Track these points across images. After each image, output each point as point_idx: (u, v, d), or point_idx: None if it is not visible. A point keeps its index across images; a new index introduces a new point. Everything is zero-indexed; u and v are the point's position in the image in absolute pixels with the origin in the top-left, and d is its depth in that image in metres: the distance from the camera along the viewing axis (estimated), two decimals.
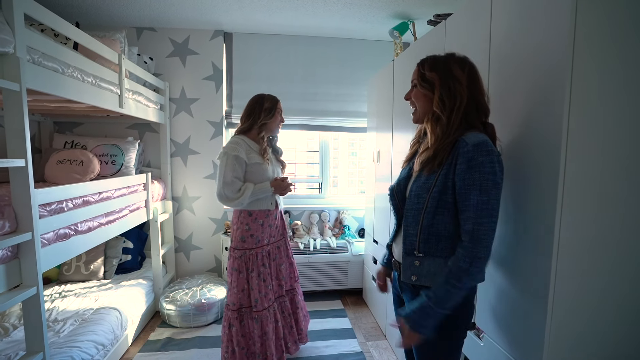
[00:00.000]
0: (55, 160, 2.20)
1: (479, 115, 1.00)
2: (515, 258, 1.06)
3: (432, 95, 1.00)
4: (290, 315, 1.98)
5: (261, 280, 1.77)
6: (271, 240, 1.87)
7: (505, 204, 1.11)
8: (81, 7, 2.41)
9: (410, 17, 2.53)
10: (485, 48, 1.21)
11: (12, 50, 1.20)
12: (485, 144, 0.91)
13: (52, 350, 1.57)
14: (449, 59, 1.01)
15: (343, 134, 3.31)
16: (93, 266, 2.46)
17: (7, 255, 1.22)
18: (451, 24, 1.47)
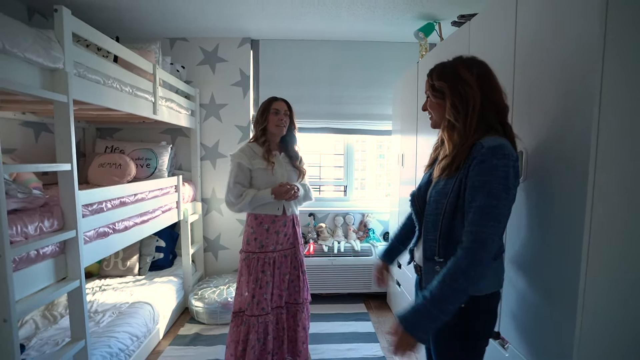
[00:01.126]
0: (97, 163, 2.38)
1: (497, 115, 0.97)
2: (540, 264, 1.03)
3: (445, 103, 1.00)
4: (284, 330, 1.82)
5: (257, 287, 1.72)
6: (277, 248, 1.78)
7: (530, 207, 1.08)
8: (121, 21, 2.59)
9: (436, 17, 2.49)
10: (510, 49, 1.18)
11: (62, 66, 1.32)
12: (501, 148, 0.89)
13: (93, 339, 1.70)
14: (455, 64, 1.00)
15: (371, 136, 3.28)
16: (129, 263, 2.62)
17: (55, 251, 1.35)
18: (475, 24, 1.44)
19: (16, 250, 1.12)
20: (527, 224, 1.09)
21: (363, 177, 3.55)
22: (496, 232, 0.87)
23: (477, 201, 0.88)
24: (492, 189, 0.87)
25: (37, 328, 1.85)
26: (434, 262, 1.01)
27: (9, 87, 1.11)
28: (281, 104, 1.80)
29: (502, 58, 1.22)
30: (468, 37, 1.48)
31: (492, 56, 1.28)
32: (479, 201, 0.88)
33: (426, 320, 0.87)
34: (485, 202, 0.87)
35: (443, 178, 1.00)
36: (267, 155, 1.75)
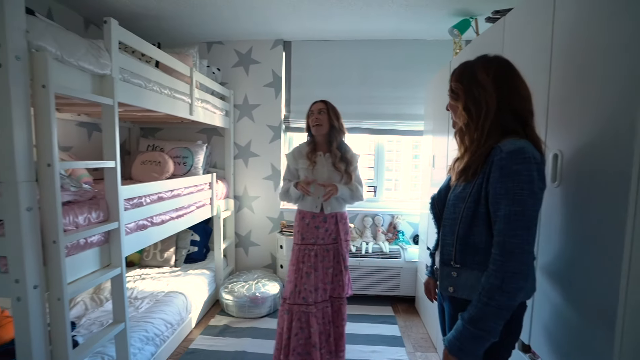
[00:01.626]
0: (139, 161, 2.57)
1: (518, 119, 0.92)
2: (575, 276, 0.96)
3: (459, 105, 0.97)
4: (330, 324, 1.89)
5: (299, 276, 1.83)
6: (318, 242, 1.86)
7: (565, 214, 1.01)
8: (163, 28, 2.77)
9: (472, 13, 2.39)
10: (547, 45, 1.11)
11: (109, 72, 1.45)
12: (521, 151, 0.84)
13: (132, 323, 1.85)
14: (475, 65, 0.96)
15: (406, 137, 3.21)
16: (166, 254, 2.80)
17: (100, 240, 1.48)
18: (510, 20, 1.36)
19: (68, 238, 1.25)
20: (561, 231, 1.02)
21: (395, 178, 3.48)
22: (525, 240, 0.83)
23: (502, 210, 0.85)
24: (516, 195, 0.83)
25: (87, 309, 2.04)
26: (451, 268, 0.99)
27: (65, 92, 1.23)
28: (317, 104, 1.89)
29: (538, 55, 1.15)
30: (502, 33, 1.41)
31: (527, 53, 1.22)
32: (504, 209, 0.84)
33: (471, 343, 0.86)
34: (510, 210, 0.84)
35: (461, 183, 0.98)
36: (310, 155, 1.87)
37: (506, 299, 0.83)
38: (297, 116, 3.20)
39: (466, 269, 0.95)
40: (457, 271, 0.97)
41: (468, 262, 0.95)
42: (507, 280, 0.83)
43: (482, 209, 0.91)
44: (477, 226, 0.92)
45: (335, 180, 1.87)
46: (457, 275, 0.97)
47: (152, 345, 1.86)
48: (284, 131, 3.25)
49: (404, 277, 2.84)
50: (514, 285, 0.83)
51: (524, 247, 0.83)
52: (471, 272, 0.94)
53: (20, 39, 1.05)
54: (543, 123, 1.11)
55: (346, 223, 1.95)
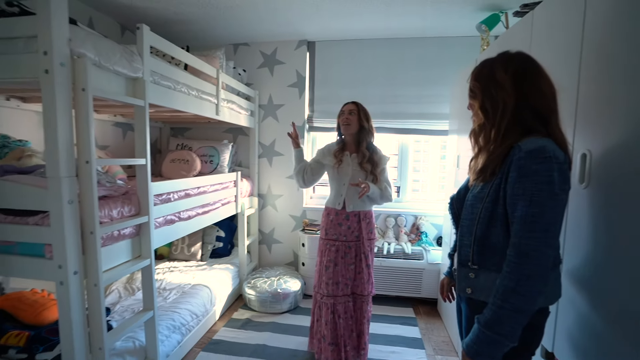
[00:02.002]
0: (169, 159, 2.70)
1: (538, 118, 0.88)
2: (604, 282, 0.91)
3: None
4: (353, 319, 1.93)
5: (322, 268, 1.92)
6: (340, 238, 1.91)
7: (593, 217, 0.96)
8: (192, 32, 2.89)
9: (501, 7, 2.30)
10: (577, 42, 1.06)
11: (141, 75, 1.54)
12: (542, 150, 0.81)
13: (160, 312, 1.96)
14: (494, 62, 0.94)
15: (434, 137, 3.13)
16: (193, 249, 2.92)
17: (132, 232, 1.58)
18: (539, 14, 1.31)
19: (104, 229, 1.35)
20: (588, 236, 0.98)
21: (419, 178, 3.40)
22: (543, 243, 0.81)
23: (519, 210, 0.83)
24: (534, 196, 0.81)
25: (120, 297, 2.18)
26: (468, 269, 0.97)
27: (102, 94, 1.33)
28: (348, 105, 1.95)
29: (567, 50, 1.10)
30: (530, 28, 1.36)
31: (556, 49, 1.17)
32: (521, 210, 0.82)
33: (488, 346, 0.84)
34: (527, 211, 0.81)
35: (479, 183, 0.96)
36: (337, 154, 1.94)
37: (522, 302, 0.81)
38: (321, 116, 3.23)
39: (484, 271, 0.94)
40: (474, 272, 0.96)
41: (486, 263, 0.93)
42: (522, 282, 0.81)
43: (501, 209, 0.89)
44: (495, 227, 0.90)
45: (357, 179, 1.88)
46: (475, 276, 0.96)
47: (179, 334, 1.96)
48: (308, 131, 3.28)
49: (426, 279, 2.79)
50: (530, 288, 0.81)
51: (541, 250, 0.80)
52: (489, 273, 0.92)
53: (64, 47, 1.15)
54: (571, 121, 1.07)
55: (370, 222, 1.96)
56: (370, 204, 1.95)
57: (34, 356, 1.38)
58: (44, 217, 1.25)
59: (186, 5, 2.40)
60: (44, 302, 1.60)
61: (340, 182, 1.93)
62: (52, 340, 1.43)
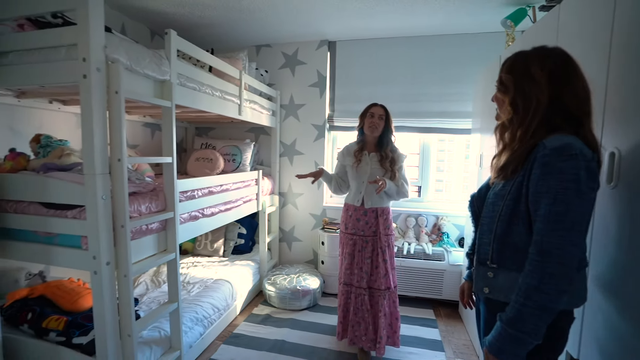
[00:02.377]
0: (194, 157, 2.81)
1: (570, 120, 0.85)
2: (631, 287, 0.87)
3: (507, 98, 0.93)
4: (369, 313, 1.97)
5: (343, 259, 2.07)
6: (358, 232, 2.01)
7: (620, 219, 0.93)
8: (216, 35, 2.98)
9: (528, 1, 2.22)
10: (606, 37, 1.01)
11: (169, 78, 1.62)
12: (568, 147, 0.79)
13: (184, 304, 2.04)
14: (530, 57, 0.91)
15: (458, 136, 3.06)
16: (216, 245, 3.02)
17: (159, 227, 1.66)
18: (566, 8, 1.26)
19: (133, 223, 1.43)
20: (615, 237, 0.94)
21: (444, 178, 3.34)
22: (568, 241, 0.78)
23: (542, 208, 0.81)
24: (559, 194, 0.78)
25: (147, 289, 2.29)
26: (487, 268, 0.96)
27: (133, 96, 1.42)
28: (378, 108, 2.01)
29: (596, 45, 1.06)
30: (557, 22, 1.31)
31: (584, 44, 1.13)
32: (544, 208, 0.80)
33: (511, 344, 0.83)
34: (550, 209, 0.79)
35: (500, 180, 0.94)
36: (357, 154, 2.04)
37: (545, 300, 0.79)
38: (341, 115, 3.24)
39: (503, 270, 0.92)
40: (493, 272, 0.94)
41: (506, 262, 0.91)
42: (545, 280, 0.79)
43: (523, 207, 0.87)
44: (516, 225, 0.88)
45: (379, 176, 1.94)
46: (494, 275, 0.94)
47: (201, 326, 2.04)
48: (328, 130, 3.30)
49: (448, 280, 2.74)
50: (553, 287, 0.79)
51: (566, 248, 0.78)
52: (509, 273, 0.90)
53: (100, 53, 1.24)
54: (600, 119, 1.03)
55: (387, 218, 2.04)
56: (388, 200, 2.05)
57: (71, 340, 1.49)
58: (81, 211, 1.34)
59: (211, 10, 2.49)
60: (79, 291, 1.72)
61: (360, 180, 2.02)
62: (86, 326, 1.53)
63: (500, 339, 0.84)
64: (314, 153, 3.28)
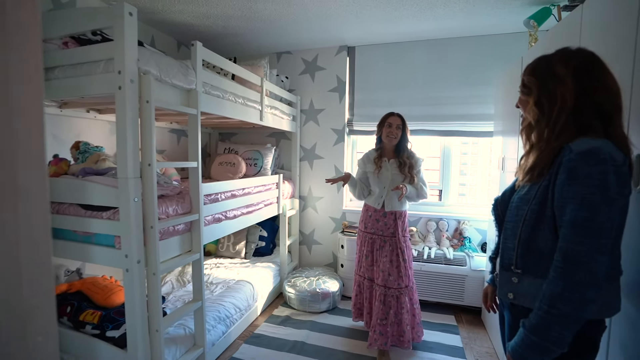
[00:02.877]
0: (217, 162, 2.91)
1: (599, 115, 0.83)
2: None
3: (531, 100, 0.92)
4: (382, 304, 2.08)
5: (361, 255, 2.25)
6: (377, 232, 2.15)
7: None
8: (239, 44, 3.10)
9: (553, 1, 2.17)
10: (631, 35, 0.99)
11: (194, 87, 1.71)
12: (596, 152, 0.77)
13: (207, 303, 2.12)
14: (553, 57, 0.90)
15: (482, 139, 3.02)
16: (238, 247, 3.11)
17: (184, 229, 1.75)
18: (589, 7, 1.24)
19: (162, 224, 1.52)
20: None
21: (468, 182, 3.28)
22: (595, 249, 0.76)
23: (568, 214, 0.79)
24: (585, 199, 0.77)
25: (173, 288, 2.40)
26: (511, 273, 0.95)
27: (162, 105, 1.51)
28: (395, 118, 2.14)
29: (620, 45, 1.03)
30: (580, 22, 1.29)
31: (608, 43, 1.11)
32: (570, 214, 0.79)
33: (534, 352, 0.82)
34: (577, 215, 0.78)
35: (526, 183, 0.93)
36: (377, 161, 2.18)
37: (569, 309, 0.78)
38: (360, 119, 3.26)
39: (528, 275, 0.91)
40: (518, 277, 0.93)
41: (531, 268, 0.90)
42: (568, 288, 0.78)
43: (549, 212, 0.85)
44: (542, 230, 0.87)
45: (399, 181, 2.13)
46: (518, 281, 0.93)
47: (224, 325, 2.11)
48: (348, 134, 3.33)
49: (469, 286, 2.68)
50: (578, 295, 0.77)
51: (592, 256, 0.76)
52: (534, 279, 0.89)
53: (133, 66, 1.34)
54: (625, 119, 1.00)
55: (404, 221, 2.19)
56: (407, 203, 2.19)
57: (105, 333, 1.59)
58: (114, 212, 1.44)
59: (234, 20, 2.59)
60: (112, 287, 1.83)
61: (381, 185, 2.16)
62: (119, 321, 1.63)
63: (523, 346, 0.83)
64: (334, 157, 3.32)
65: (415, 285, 2.20)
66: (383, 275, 2.08)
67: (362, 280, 2.23)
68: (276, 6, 2.35)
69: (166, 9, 2.42)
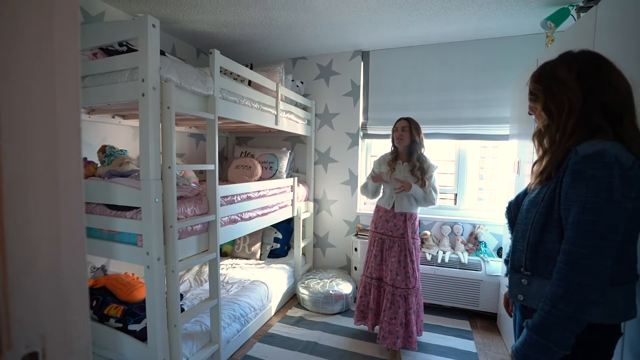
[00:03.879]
0: (234, 165, 3.00)
1: (609, 116, 0.83)
2: None
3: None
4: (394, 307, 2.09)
5: (370, 256, 2.27)
6: (387, 233, 2.18)
7: None
8: (255, 50, 3.19)
9: (571, 1, 2.14)
10: None
11: (212, 93, 1.79)
12: (600, 155, 0.77)
13: (223, 302, 2.19)
14: (555, 62, 0.91)
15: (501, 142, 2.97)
16: (253, 248, 3.18)
17: (202, 229, 1.82)
18: (603, 8, 1.23)
19: (180, 224, 1.60)
20: None
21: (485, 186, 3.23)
22: (598, 252, 0.76)
23: (572, 217, 0.80)
24: (588, 202, 0.77)
25: (191, 287, 2.48)
26: (521, 275, 0.96)
27: (182, 111, 1.59)
28: (401, 122, 2.20)
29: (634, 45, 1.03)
30: (594, 24, 1.28)
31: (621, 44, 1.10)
32: (573, 217, 0.80)
33: (536, 352, 0.83)
34: (580, 218, 0.79)
35: (536, 186, 0.94)
36: (391, 163, 2.23)
37: (571, 310, 0.78)
38: (375, 123, 3.28)
39: (537, 277, 0.91)
40: (527, 279, 0.94)
41: (540, 270, 0.91)
42: (571, 290, 0.78)
43: (556, 215, 0.86)
44: (550, 233, 0.88)
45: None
46: (528, 283, 0.94)
47: (238, 324, 2.17)
48: (362, 138, 3.35)
49: (485, 291, 2.64)
50: (579, 298, 0.77)
51: (594, 259, 0.77)
52: (543, 281, 0.90)
53: (156, 74, 1.42)
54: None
55: (414, 223, 2.20)
56: (416, 206, 2.20)
57: (127, 326, 1.68)
58: (137, 212, 1.53)
59: (250, 28, 2.68)
60: (134, 284, 1.93)
61: (393, 187, 2.17)
62: (140, 315, 1.72)
63: (526, 346, 0.84)
64: (348, 161, 3.35)
65: (420, 288, 2.23)
66: (391, 275, 2.12)
67: (369, 281, 2.25)
68: (291, 13, 2.42)
69: (186, 19, 2.53)
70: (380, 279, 2.22)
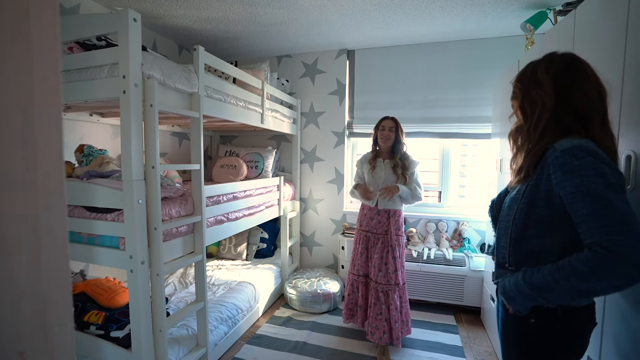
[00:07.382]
0: (218, 165, 2.94)
1: (579, 119, 0.86)
2: None
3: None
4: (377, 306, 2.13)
5: (356, 253, 2.30)
6: (371, 230, 2.22)
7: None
8: (239, 47, 3.13)
9: (548, 4, 2.21)
10: (620, 40, 1.02)
11: (197, 90, 1.74)
12: (578, 147, 0.79)
13: (210, 304, 2.14)
14: (538, 62, 0.94)
15: (481, 141, 3.04)
16: (239, 249, 3.13)
17: (187, 230, 1.77)
18: (582, 12, 1.27)
19: (165, 226, 1.55)
20: None
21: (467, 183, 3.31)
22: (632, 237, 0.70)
23: (582, 208, 0.76)
24: (591, 190, 0.75)
25: (176, 290, 2.42)
26: (505, 270, 0.98)
27: (166, 109, 1.54)
28: (388, 121, 2.22)
29: (610, 49, 1.07)
30: (573, 28, 1.32)
31: (599, 47, 1.14)
32: (584, 208, 0.76)
33: (524, 299, 0.87)
34: (592, 207, 0.74)
35: (517, 184, 0.97)
36: (372, 161, 2.25)
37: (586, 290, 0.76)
38: (360, 122, 3.29)
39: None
40: (511, 273, 0.96)
41: (523, 265, 0.93)
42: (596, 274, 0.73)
43: (540, 210, 0.88)
44: (532, 228, 0.90)
45: (392, 181, 2.19)
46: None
47: (226, 326, 2.13)
48: (348, 137, 3.36)
49: (469, 286, 2.70)
50: (602, 284, 0.73)
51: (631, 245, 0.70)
52: None
53: (137, 71, 1.37)
54: (615, 122, 1.03)
55: (398, 220, 2.22)
56: (400, 204, 2.22)
57: (109, 333, 1.61)
58: (119, 214, 1.47)
59: (234, 24, 2.63)
60: (115, 289, 1.86)
61: (375, 184, 2.23)
62: (123, 321, 1.65)
63: (518, 292, 0.87)
64: (334, 159, 3.35)
65: (406, 285, 2.24)
66: (374, 271, 2.15)
67: (357, 279, 2.27)
68: (277, 10, 2.39)
69: (168, 14, 2.46)
70: (367, 276, 2.25)
